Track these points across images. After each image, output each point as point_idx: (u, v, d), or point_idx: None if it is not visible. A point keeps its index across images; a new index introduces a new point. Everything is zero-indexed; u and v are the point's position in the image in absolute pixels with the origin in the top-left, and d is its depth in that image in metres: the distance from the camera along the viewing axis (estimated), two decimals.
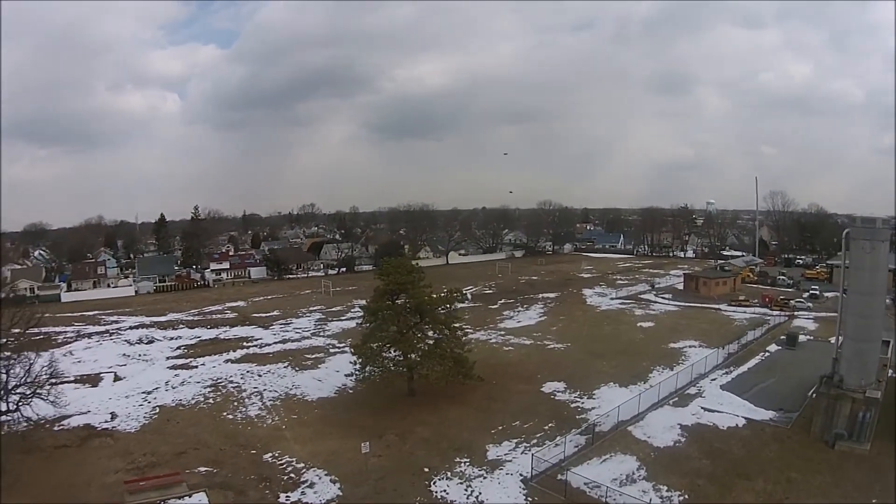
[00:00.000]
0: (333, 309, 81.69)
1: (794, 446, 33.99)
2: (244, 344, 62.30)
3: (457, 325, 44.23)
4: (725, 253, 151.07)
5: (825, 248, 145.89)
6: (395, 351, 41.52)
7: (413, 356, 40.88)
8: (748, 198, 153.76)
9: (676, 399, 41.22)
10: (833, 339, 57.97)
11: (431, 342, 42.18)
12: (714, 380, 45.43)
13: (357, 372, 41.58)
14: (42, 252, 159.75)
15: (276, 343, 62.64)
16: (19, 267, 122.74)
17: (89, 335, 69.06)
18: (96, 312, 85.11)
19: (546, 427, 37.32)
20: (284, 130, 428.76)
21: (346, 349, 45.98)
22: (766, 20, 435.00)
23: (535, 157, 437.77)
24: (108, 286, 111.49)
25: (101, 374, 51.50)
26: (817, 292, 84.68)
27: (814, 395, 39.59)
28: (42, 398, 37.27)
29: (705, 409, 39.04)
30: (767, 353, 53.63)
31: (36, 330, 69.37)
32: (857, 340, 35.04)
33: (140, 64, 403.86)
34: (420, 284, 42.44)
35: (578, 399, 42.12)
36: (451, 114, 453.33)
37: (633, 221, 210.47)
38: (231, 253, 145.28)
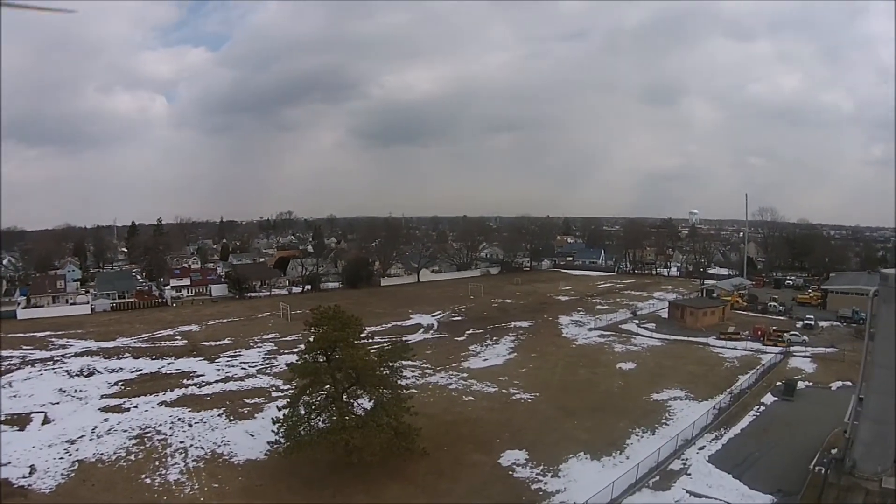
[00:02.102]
0: (288, 338, 75.04)
1: None
2: (184, 382, 56.74)
3: (401, 382, 37.82)
4: (712, 272, 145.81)
5: (815, 267, 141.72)
6: (325, 418, 35.09)
7: (347, 424, 34.27)
8: (734, 209, 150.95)
9: (657, 478, 34.75)
10: (833, 386, 53.35)
11: (369, 407, 35.79)
12: (702, 448, 39.09)
13: (280, 441, 34.89)
14: (12, 259, 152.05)
15: (217, 382, 56.79)
16: None
17: (33, 363, 64.14)
18: (48, 333, 79.83)
19: None
20: (271, 136, 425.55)
21: (289, 393, 40.50)
22: (757, 31, 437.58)
23: (523, 165, 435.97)
24: (67, 302, 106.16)
25: (32, 415, 47.52)
26: (812, 322, 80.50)
27: (816, 468, 34.12)
28: None
29: (690, 494, 32.77)
30: (763, 407, 47.78)
31: None
32: (878, 422, 29.07)
33: (130, 66, 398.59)
34: (358, 338, 35.88)
35: (541, 477, 35.34)
36: (440, 121, 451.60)
37: (615, 234, 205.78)
38: (196, 267, 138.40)
